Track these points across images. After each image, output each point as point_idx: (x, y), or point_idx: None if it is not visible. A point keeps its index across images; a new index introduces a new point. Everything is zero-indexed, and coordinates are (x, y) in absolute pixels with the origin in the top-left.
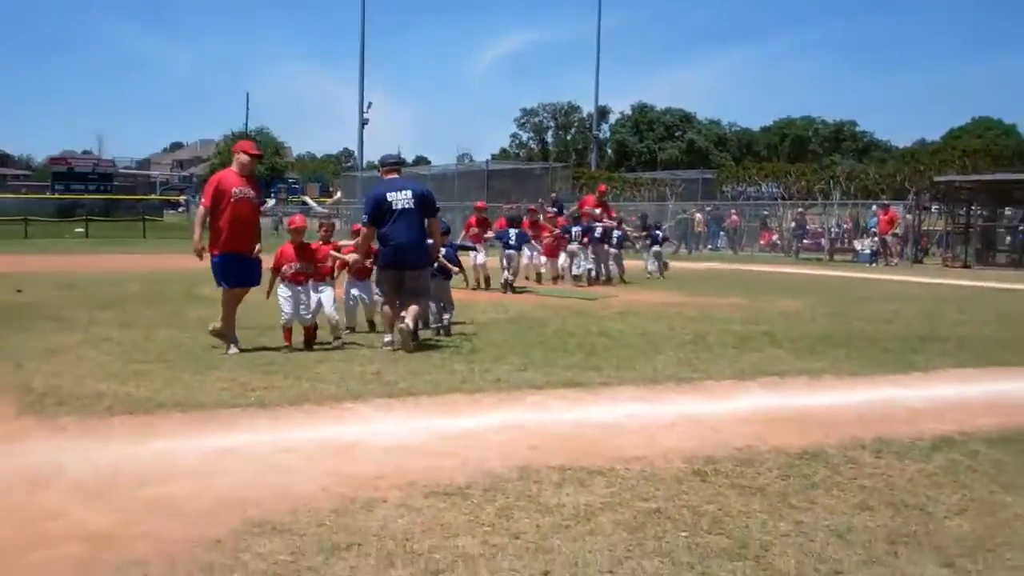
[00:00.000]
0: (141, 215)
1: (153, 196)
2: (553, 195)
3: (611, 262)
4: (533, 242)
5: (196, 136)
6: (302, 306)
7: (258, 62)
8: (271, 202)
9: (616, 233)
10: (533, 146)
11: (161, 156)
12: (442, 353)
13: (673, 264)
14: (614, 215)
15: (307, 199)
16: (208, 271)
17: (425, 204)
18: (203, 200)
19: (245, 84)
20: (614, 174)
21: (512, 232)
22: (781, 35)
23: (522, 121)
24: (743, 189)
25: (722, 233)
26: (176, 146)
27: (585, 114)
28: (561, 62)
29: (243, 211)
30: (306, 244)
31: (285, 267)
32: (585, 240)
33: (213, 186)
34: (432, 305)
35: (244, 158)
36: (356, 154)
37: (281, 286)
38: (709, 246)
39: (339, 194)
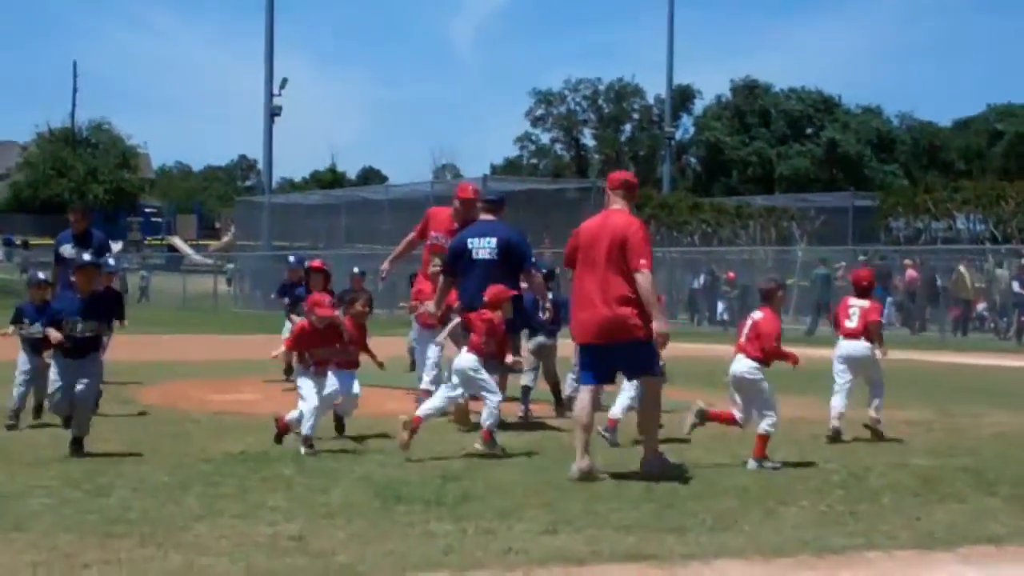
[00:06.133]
0: None
1: None
2: None
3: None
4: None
5: None
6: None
7: (92, 13)
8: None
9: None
10: (561, 152)
11: None
12: (411, 503)
13: (808, 352)
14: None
15: (177, 241)
16: None
17: (510, 254)
18: None
19: (70, 48)
20: (701, 199)
21: None
22: None
23: (538, 114)
24: (925, 224)
25: (890, 299)
26: None
27: (651, 99)
28: (605, 13)
29: None
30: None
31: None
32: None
33: None
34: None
35: None
36: (261, 166)
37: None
38: None
39: (230, 234)
